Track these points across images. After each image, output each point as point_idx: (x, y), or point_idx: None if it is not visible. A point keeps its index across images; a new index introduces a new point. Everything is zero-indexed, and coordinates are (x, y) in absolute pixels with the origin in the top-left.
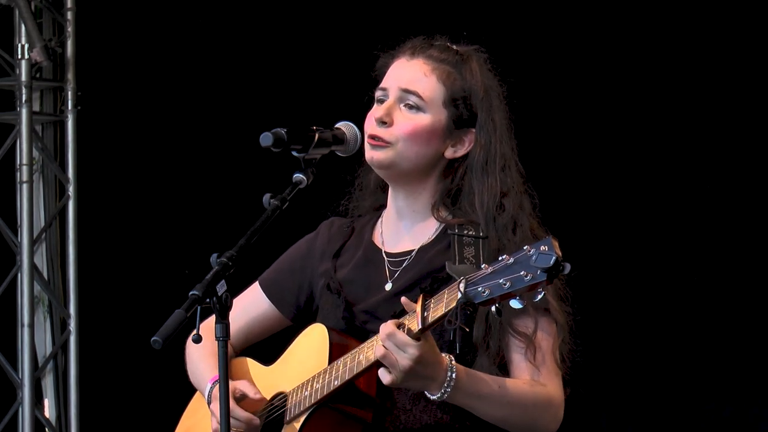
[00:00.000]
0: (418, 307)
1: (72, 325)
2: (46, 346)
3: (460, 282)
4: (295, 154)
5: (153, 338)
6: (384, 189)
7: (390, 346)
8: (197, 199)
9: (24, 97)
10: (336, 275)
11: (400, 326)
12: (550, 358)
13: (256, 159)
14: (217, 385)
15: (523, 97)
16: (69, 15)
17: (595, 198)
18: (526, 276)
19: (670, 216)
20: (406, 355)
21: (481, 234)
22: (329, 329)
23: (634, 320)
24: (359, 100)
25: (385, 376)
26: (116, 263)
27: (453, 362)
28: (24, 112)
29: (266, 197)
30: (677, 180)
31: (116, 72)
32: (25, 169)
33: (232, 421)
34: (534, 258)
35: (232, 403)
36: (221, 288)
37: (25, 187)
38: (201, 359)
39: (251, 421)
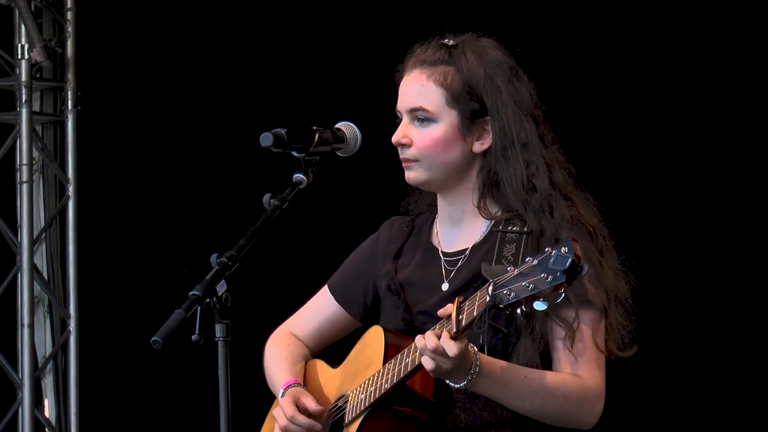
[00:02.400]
0: (453, 310)
1: (72, 325)
2: (46, 346)
3: (488, 285)
4: (295, 154)
5: (153, 338)
6: None
7: (431, 355)
8: (197, 199)
9: (24, 97)
10: (397, 276)
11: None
12: (590, 347)
13: (256, 159)
14: (288, 391)
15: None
16: (69, 15)
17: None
18: (546, 278)
19: (670, 214)
20: (447, 359)
21: (525, 228)
22: (386, 331)
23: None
24: (359, 101)
25: (428, 363)
26: (116, 263)
27: (477, 351)
28: (24, 112)
29: (266, 197)
30: (676, 176)
31: (116, 72)
32: (25, 169)
33: (293, 427)
34: (552, 260)
35: (293, 408)
36: (221, 288)
37: (25, 187)
38: (277, 364)
39: (313, 427)
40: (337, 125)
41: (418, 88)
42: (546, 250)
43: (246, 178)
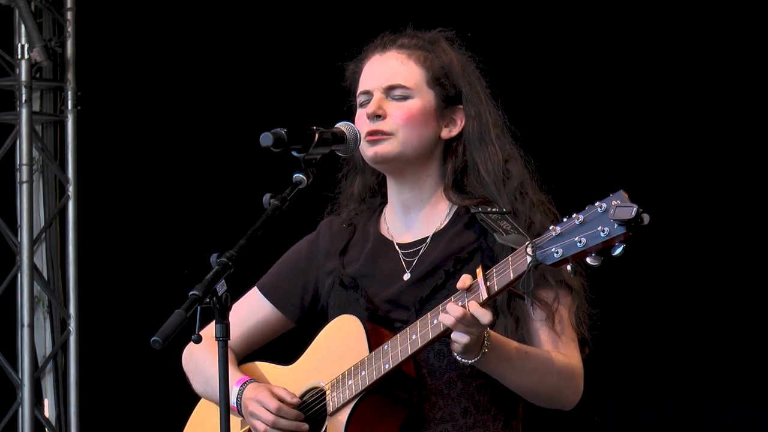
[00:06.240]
0: (480, 278)
1: (72, 325)
2: (46, 346)
3: (526, 246)
4: (295, 154)
5: (153, 338)
6: (374, 193)
7: (462, 327)
8: (197, 199)
9: (24, 97)
10: (346, 271)
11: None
12: (569, 328)
13: (256, 159)
14: (248, 387)
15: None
16: (69, 15)
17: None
18: (602, 231)
19: (673, 215)
20: (479, 328)
21: (504, 209)
22: (361, 319)
23: (638, 321)
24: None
25: (461, 337)
26: (116, 263)
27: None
28: (24, 112)
29: (266, 197)
30: (679, 178)
31: (116, 72)
32: (25, 169)
33: (281, 421)
34: (612, 211)
35: (277, 401)
36: (221, 288)
37: (25, 187)
38: (214, 365)
39: (300, 417)
40: (337, 125)
41: (398, 66)
42: (595, 204)
43: (246, 178)
